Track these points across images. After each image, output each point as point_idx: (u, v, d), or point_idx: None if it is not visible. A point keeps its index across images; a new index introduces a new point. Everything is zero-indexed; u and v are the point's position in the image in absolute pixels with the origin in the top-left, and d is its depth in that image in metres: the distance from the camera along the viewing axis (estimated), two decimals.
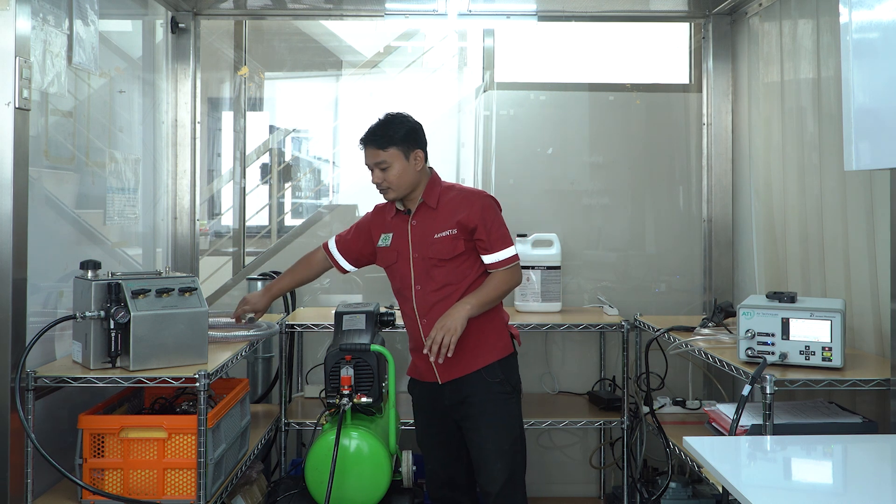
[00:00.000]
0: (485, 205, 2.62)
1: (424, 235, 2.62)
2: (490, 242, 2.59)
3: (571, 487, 3.73)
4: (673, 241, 3.76)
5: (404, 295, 2.67)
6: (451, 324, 2.46)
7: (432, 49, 3.93)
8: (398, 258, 2.66)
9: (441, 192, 2.66)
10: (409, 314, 2.67)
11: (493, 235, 2.59)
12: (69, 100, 2.63)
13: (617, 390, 3.56)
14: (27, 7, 2.20)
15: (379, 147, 2.56)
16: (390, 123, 2.59)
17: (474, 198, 2.63)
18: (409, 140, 2.59)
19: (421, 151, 2.62)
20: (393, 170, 2.56)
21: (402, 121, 2.61)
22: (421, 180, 2.64)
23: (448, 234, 2.59)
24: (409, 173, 2.59)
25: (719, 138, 3.63)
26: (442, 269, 2.59)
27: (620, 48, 3.84)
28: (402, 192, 2.61)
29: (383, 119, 2.61)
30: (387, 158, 2.55)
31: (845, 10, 1.57)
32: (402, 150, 2.57)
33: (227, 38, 3.84)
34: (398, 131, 2.57)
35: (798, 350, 2.23)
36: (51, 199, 2.55)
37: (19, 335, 2.17)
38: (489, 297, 2.57)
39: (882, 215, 2.36)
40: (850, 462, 1.71)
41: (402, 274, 2.66)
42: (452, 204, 2.63)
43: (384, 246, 2.71)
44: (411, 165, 2.59)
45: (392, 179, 2.57)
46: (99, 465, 2.31)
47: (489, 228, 2.59)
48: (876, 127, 1.51)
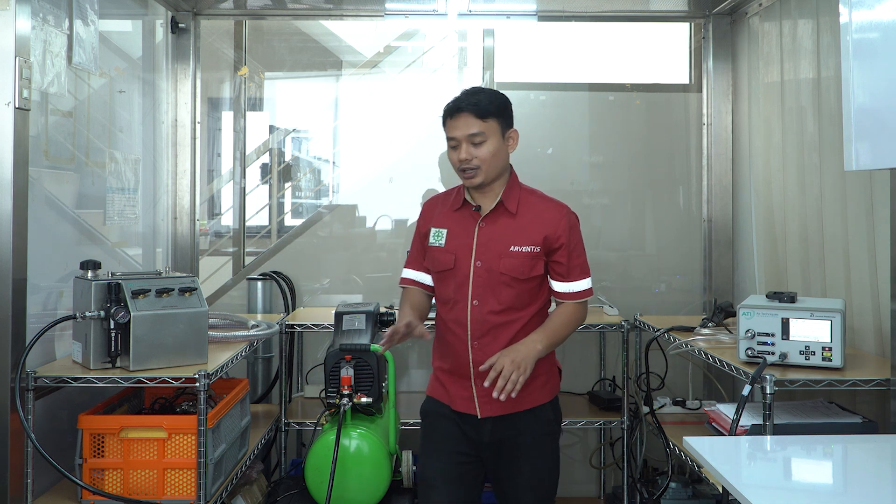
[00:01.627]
0: (573, 222, 2.28)
1: (496, 243, 2.23)
2: (569, 268, 2.26)
3: (571, 487, 3.72)
4: (673, 241, 3.76)
5: (457, 308, 2.25)
6: (523, 361, 2.07)
7: (432, 49, 3.93)
8: (456, 263, 2.25)
9: (522, 196, 2.28)
10: (458, 332, 2.25)
11: (574, 261, 2.26)
12: (69, 100, 2.63)
13: (617, 390, 3.56)
14: (27, 7, 2.20)
15: (478, 115, 2.16)
16: (485, 91, 2.22)
17: (562, 211, 2.27)
18: (508, 116, 2.24)
19: (516, 132, 2.26)
20: (488, 146, 2.17)
21: (496, 92, 2.25)
22: (505, 169, 2.27)
23: (530, 250, 2.21)
24: (502, 156, 2.22)
25: (719, 138, 3.63)
26: (511, 289, 2.21)
27: (620, 48, 3.83)
28: (491, 176, 2.21)
29: (473, 89, 2.23)
30: (484, 130, 2.17)
31: (845, 10, 1.57)
32: (500, 125, 2.20)
33: (227, 38, 3.84)
34: (498, 100, 2.21)
35: (798, 350, 2.23)
36: (51, 199, 2.55)
37: (19, 335, 2.17)
38: (560, 336, 2.23)
39: (882, 215, 2.36)
40: (850, 462, 1.71)
41: (459, 283, 2.24)
42: (535, 213, 2.25)
43: (437, 245, 2.29)
44: (505, 147, 2.23)
45: (485, 157, 2.18)
46: (99, 465, 2.31)
47: (572, 252, 2.26)
48: (876, 127, 1.51)
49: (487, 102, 2.18)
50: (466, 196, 2.29)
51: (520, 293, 2.22)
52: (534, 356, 2.11)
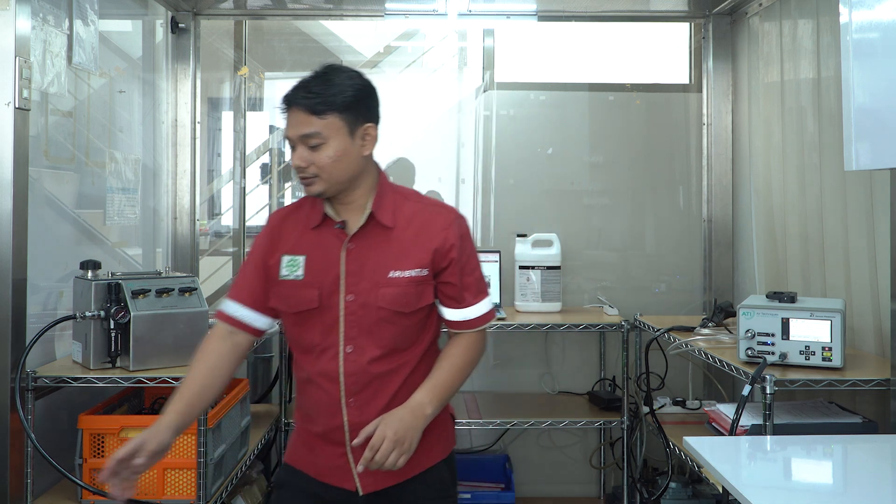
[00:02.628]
0: (463, 230, 1.78)
1: (371, 270, 1.71)
2: (462, 289, 1.76)
3: (571, 487, 3.73)
4: (673, 241, 3.76)
5: (324, 358, 1.72)
6: (407, 434, 1.62)
7: (432, 49, 3.93)
8: (321, 300, 1.71)
9: (398, 204, 1.76)
10: (327, 388, 1.72)
11: (467, 279, 1.76)
12: (69, 100, 2.63)
13: (617, 390, 3.56)
14: (27, 7, 2.20)
15: (312, 111, 1.66)
16: (333, 78, 1.70)
17: (450, 217, 1.76)
18: (359, 108, 1.69)
19: (373, 127, 1.72)
20: (327, 149, 1.66)
21: (352, 77, 1.71)
22: (364, 174, 1.74)
23: (416, 273, 1.71)
24: (351, 159, 1.69)
25: (719, 138, 3.63)
26: (393, 326, 1.71)
27: (620, 48, 3.83)
28: (336, 186, 1.70)
29: (322, 71, 1.72)
30: (321, 130, 1.66)
31: (845, 10, 1.57)
32: (345, 121, 1.67)
33: (227, 38, 3.84)
34: (343, 91, 1.67)
35: (798, 350, 2.23)
36: (51, 199, 2.55)
37: (19, 335, 2.17)
38: (454, 387, 1.74)
39: (882, 215, 2.36)
40: (850, 462, 1.71)
41: (328, 325, 1.71)
42: (419, 223, 1.74)
43: (294, 278, 1.73)
44: (356, 147, 1.69)
45: (323, 163, 1.67)
46: (99, 465, 2.31)
47: (464, 267, 1.75)
48: (876, 127, 1.51)
49: (327, 94, 1.66)
50: (327, 209, 1.74)
51: (404, 330, 1.73)
52: (421, 424, 1.65)
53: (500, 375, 3.75)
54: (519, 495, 3.56)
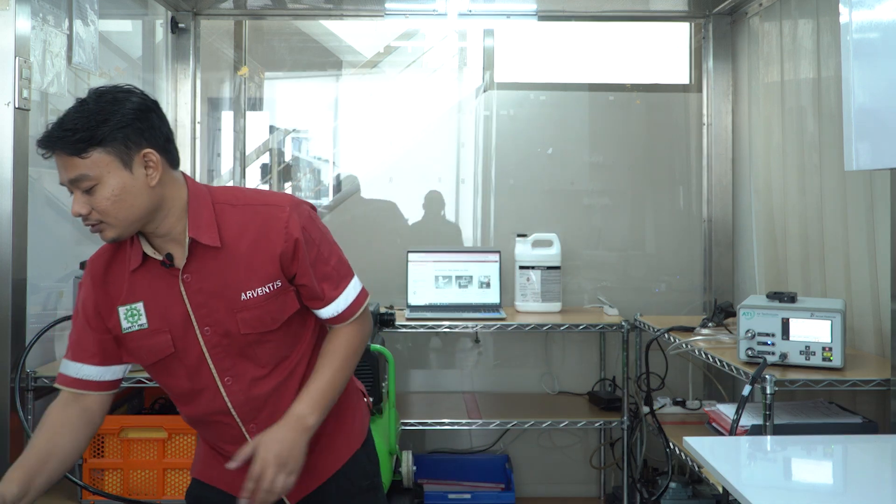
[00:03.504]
0: (304, 221, 1.55)
1: (218, 298, 1.52)
2: (321, 282, 1.58)
3: (571, 487, 3.73)
4: (673, 241, 3.76)
5: (204, 398, 1.57)
6: (290, 454, 1.47)
7: (432, 49, 3.93)
8: (176, 343, 1.54)
9: (221, 216, 1.53)
10: (224, 421, 1.59)
11: (321, 269, 1.58)
12: (69, 100, 2.63)
13: (617, 390, 3.56)
14: (27, 7, 2.20)
15: (71, 151, 1.40)
16: (91, 107, 1.42)
17: (282, 213, 1.54)
18: (128, 134, 1.43)
19: (152, 152, 1.46)
20: (103, 190, 1.42)
21: (116, 100, 1.44)
22: (166, 201, 1.50)
23: (270, 289, 1.54)
24: (136, 194, 1.44)
25: (719, 138, 3.63)
26: (269, 343, 1.57)
27: (620, 48, 3.83)
28: (131, 226, 1.47)
29: (82, 100, 1.44)
30: (87, 171, 1.41)
31: (845, 10, 1.57)
32: (114, 154, 1.42)
33: (227, 38, 3.84)
34: (104, 120, 1.41)
35: (798, 350, 2.23)
36: (51, 199, 2.56)
37: (19, 335, 2.17)
38: (335, 388, 1.58)
39: (882, 215, 2.36)
40: (850, 462, 1.71)
41: (194, 366, 1.55)
42: (252, 231, 1.53)
43: (136, 329, 1.54)
44: (138, 180, 1.44)
45: (103, 206, 1.43)
46: (99, 465, 2.31)
47: (316, 260, 1.57)
48: (876, 127, 1.51)
49: (83, 129, 1.39)
50: (144, 247, 1.53)
51: (281, 340, 1.58)
52: (305, 438, 1.50)
53: (500, 375, 3.75)
54: (519, 495, 3.56)
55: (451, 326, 3.22)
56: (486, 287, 3.50)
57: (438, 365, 3.78)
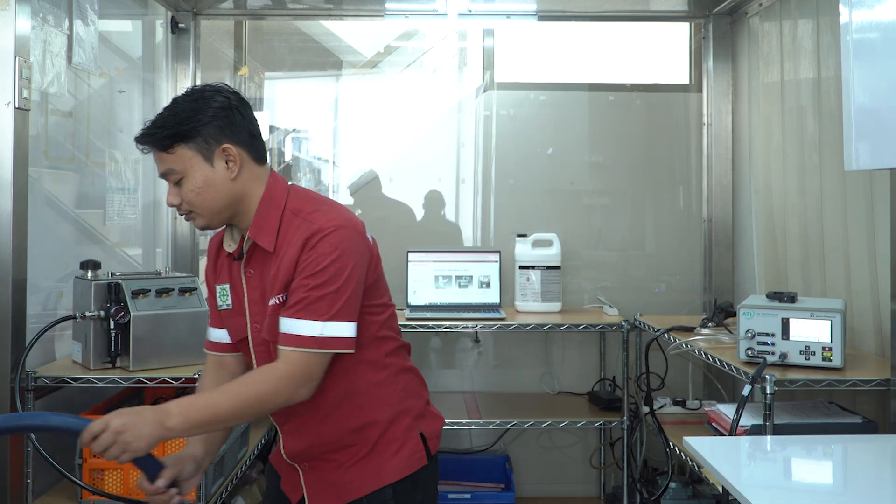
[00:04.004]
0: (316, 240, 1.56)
1: (262, 299, 1.65)
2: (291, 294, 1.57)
3: (571, 487, 3.73)
4: (673, 241, 3.76)
5: None
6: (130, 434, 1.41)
7: (432, 49, 3.93)
8: (240, 331, 1.70)
9: (285, 222, 1.62)
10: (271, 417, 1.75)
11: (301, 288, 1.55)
12: (69, 100, 2.63)
13: (617, 390, 3.56)
14: (27, 7, 2.20)
15: (160, 147, 1.58)
16: (178, 105, 1.60)
17: (310, 228, 1.57)
18: (209, 130, 1.57)
19: (231, 146, 1.59)
20: (189, 182, 1.58)
21: (203, 98, 1.59)
22: (248, 197, 1.62)
23: (278, 300, 1.60)
24: (218, 187, 1.59)
25: (719, 138, 3.63)
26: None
27: (620, 48, 3.83)
28: (217, 217, 1.63)
29: (173, 99, 1.63)
30: (174, 165, 1.58)
31: (845, 10, 1.57)
32: (195, 149, 1.57)
33: (227, 38, 3.84)
34: (187, 118, 1.56)
35: (798, 350, 2.23)
36: (51, 199, 2.55)
37: (19, 335, 2.17)
38: (219, 416, 1.50)
39: (882, 215, 2.36)
40: (850, 462, 1.71)
41: (250, 357, 1.71)
42: (290, 240, 1.60)
43: (225, 308, 1.71)
44: (219, 173, 1.59)
45: (190, 198, 1.59)
46: (99, 465, 2.31)
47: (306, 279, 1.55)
48: (876, 127, 1.50)
49: (168, 126, 1.56)
50: (225, 238, 1.71)
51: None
52: (156, 433, 1.43)
53: (500, 375, 3.75)
54: (519, 495, 3.56)
55: (451, 326, 3.22)
56: (486, 287, 3.50)
57: (438, 365, 3.78)
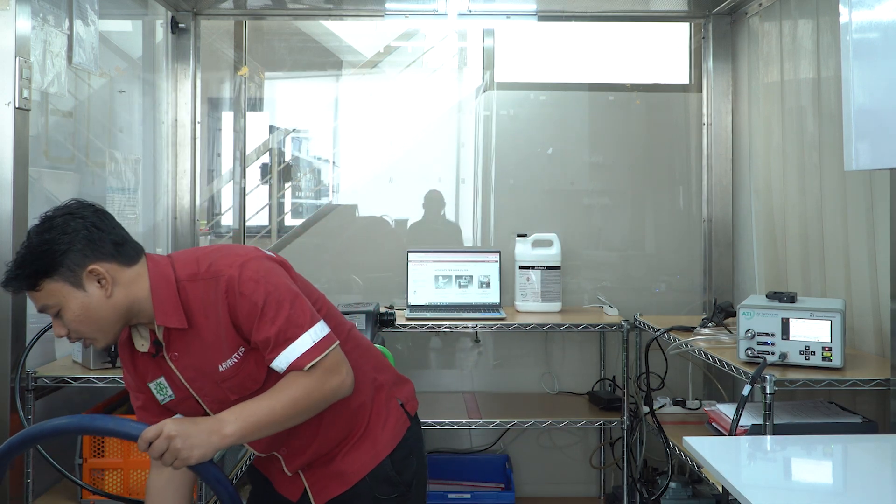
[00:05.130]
0: (243, 287, 1.54)
1: (202, 373, 1.61)
2: (266, 344, 1.55)
3: (571, 487, 3.73)
4: (673, 241, 3.76)
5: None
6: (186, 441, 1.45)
7: (432, 49, 3.93)
8: (197, 412, 1.68)
9: (184, 293, 1.58)
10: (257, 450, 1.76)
11: (265, 329, 1.54)
12: (69, 100, 2.63)
13: (617, 390, 3.56)
14: (27, 7, 2.20)
15: (27, 287, 1.51)
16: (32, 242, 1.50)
17: (220, 281, 1.56)
18: (65, 260, 1.49)
19: (97, 266, 1.52)
20: (68, 312, 1.52)
21: (52, 227, 1.51)
22: (134, 299, 1.56)
23: (237, 357, 1.59)
24: (99, 308, 1.52)
25: (719, 138, 3.63)
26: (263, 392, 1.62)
27: (620, 48, 3.83)
28: (109, 334, 1.57)
29: (28, 232, 1.54)
30: (47, 301, 1.51)
31: (845, 10, 1.57)
32: (63, 279, 1.50)
33: (227, 38, 3.84)
34: (44, 251, 1.48)
35: (798, 350, 2.23)
36: (51, 199, 2.55)
37: (19, 335, 2.17)
38: (274, 419, 1.53)
39: (882, 215, 2.36)
40: (850, 462, 1.71)
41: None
42: (207, 306, 1.57)
43: (168, 399, 1.67)
44: (94, 296, 1.52)
45: (75, 326, 1.53)
46: (99, 465, 2.31)
47: (258, 319, 1.54)
48: (876, 127, 1.50)
49: (27, 267, 1.49)
50: (135, 339, 1.65)
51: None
52: (215, 441, 1.47)
53: (500, 375, 3.75)
54: (519, 495, 3.56)
55: (451, 326, 3.22)
56: (486, 287, 3.50)
57: (438, 365, 3.78)
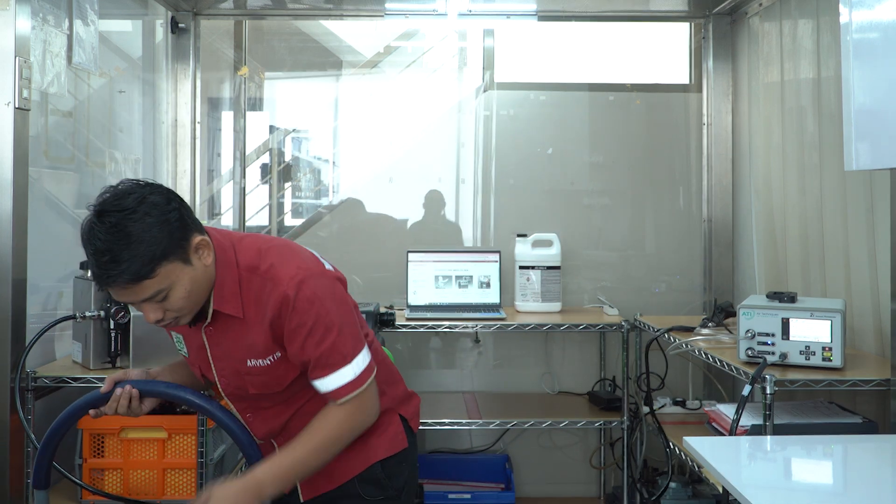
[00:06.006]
0: (299, 304, 1.55)
1: (231, 357, 1.65)
2: (306, 361, 1.59)
3: (571, 487, 3.73)
4: (673, 241, 3.76)
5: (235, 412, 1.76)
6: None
7: (432, 49, 3.93)
8: (204, 378, 1.75)
9: (244, 284, 1.60)
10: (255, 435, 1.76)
11: (310, 350, 1.56)
12: (69, 100, 2.63)
13: (617, 390, 3.56)
14: (27, 7, 2.20)
15: (138, 280, 1.47)
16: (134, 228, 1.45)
17: (280, 290, 1.56)
18: (173, 239, 1.49)
19: (200, 236, 1.55)
20: (176, 292, 1.52)
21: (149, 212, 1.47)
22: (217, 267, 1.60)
23: (272, 360, 1.61)
24: (202, 280, 1.56)
25: (719, 138, 3.63)
26: (278, 394, 1.67)
27: (620, 48, 3.83)
28: (197, 307, 1.59)
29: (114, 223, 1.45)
30: (159, 285, 1.49)
31: (845, 10, 1.57)
32: (174, 260, 1.49)
33: (227, 38, 3.84)
34: (151, 241, 1.45)
35: (798, 350, 2.23)
36: (51, 199, 2.56)
37: (19, 335, 2.17)
38: (307, 467, 1.58)
39: (882, 215, 2.36)
40: (850, 462, 1.71)
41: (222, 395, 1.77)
42: (261, 302, 1.59)
43: (182, 353, 1.76)
44: (199, 268, 1.54)
45: (180, 305, 1.54)
46: (99, 465, 2.31)
47: (306, 339, 1.56)
48: (876, 127, 1.50)
49: (140, 256, 1.44)
50: None
51: (293, 390, 1.67)
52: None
53: (500, 375, 3.75)
54: (519, 495, 3.56)
55: (451, 326, 3.22)
56: (486, 287, 3.50)
57: (438, 365, 3.78)
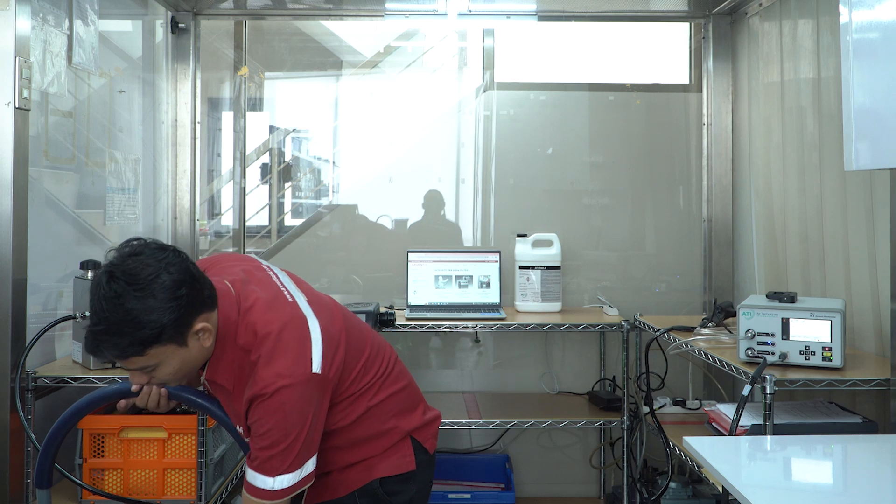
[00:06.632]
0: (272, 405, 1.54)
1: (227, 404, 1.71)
2: (252, 450, 1.59)
3: (571, 487, 3.73)
4: (673, 241, 3.76)
5: None
6: None
7: (432, 49, 3.93)
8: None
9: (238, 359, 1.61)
10: None
11: (255, 443, 1.57)
12: (69, 100, 2.63)
13: (617, 390, 3.56)
14: (27, 7, 2.20)
15: (133, 354, 1.49)
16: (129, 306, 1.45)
17: (258, 385, 1.55)
18: (178, 322, 1.48)
19: (202, 322, 1.54)
20: (165, 367, 1.54)
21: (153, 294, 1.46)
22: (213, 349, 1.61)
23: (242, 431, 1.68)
24: (194, 359, 1.57)
25: (719, 138, 3.63)
26: None
27: (620, 48, 3.83)
28: (189, 379, 1.69)
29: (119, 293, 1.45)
30: (147, 362, 1.51)
31: (845, 10, 1.57)
32: (170, 342, 1.50)
33: (227, 38, 3.84)
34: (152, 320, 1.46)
35: (798, 350, 2.23)
36: (51, 199, 2.55)
37: (19, 335, 2.17)
38: None
39: (882, 215, 2.36)
40: (850, 462, 1.71)
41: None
42: (245, 382, 1.61)
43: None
44: (194, 349, 1.55)
45: (166, 378, 1.57)
46: (99, 465, 2.31)
47: (257, 434, 1.56)
48: (876, 127, 1.50)
49: (134, 336, 1.44)
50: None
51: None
52: None
53: (500, 375, 3.75)
54: (519, 495, 3.56)
55: (451, 326, 3.22)
56: (486, 287, 3.50)
57: (438, 365, 3.78)
